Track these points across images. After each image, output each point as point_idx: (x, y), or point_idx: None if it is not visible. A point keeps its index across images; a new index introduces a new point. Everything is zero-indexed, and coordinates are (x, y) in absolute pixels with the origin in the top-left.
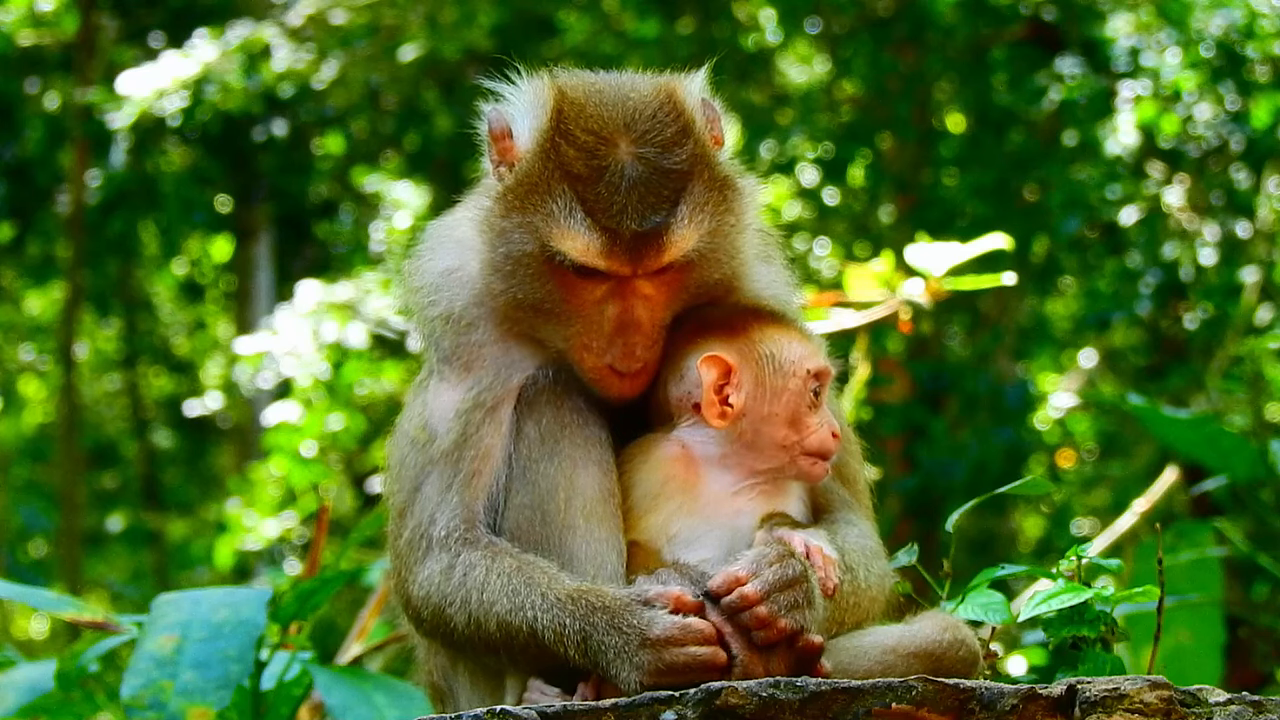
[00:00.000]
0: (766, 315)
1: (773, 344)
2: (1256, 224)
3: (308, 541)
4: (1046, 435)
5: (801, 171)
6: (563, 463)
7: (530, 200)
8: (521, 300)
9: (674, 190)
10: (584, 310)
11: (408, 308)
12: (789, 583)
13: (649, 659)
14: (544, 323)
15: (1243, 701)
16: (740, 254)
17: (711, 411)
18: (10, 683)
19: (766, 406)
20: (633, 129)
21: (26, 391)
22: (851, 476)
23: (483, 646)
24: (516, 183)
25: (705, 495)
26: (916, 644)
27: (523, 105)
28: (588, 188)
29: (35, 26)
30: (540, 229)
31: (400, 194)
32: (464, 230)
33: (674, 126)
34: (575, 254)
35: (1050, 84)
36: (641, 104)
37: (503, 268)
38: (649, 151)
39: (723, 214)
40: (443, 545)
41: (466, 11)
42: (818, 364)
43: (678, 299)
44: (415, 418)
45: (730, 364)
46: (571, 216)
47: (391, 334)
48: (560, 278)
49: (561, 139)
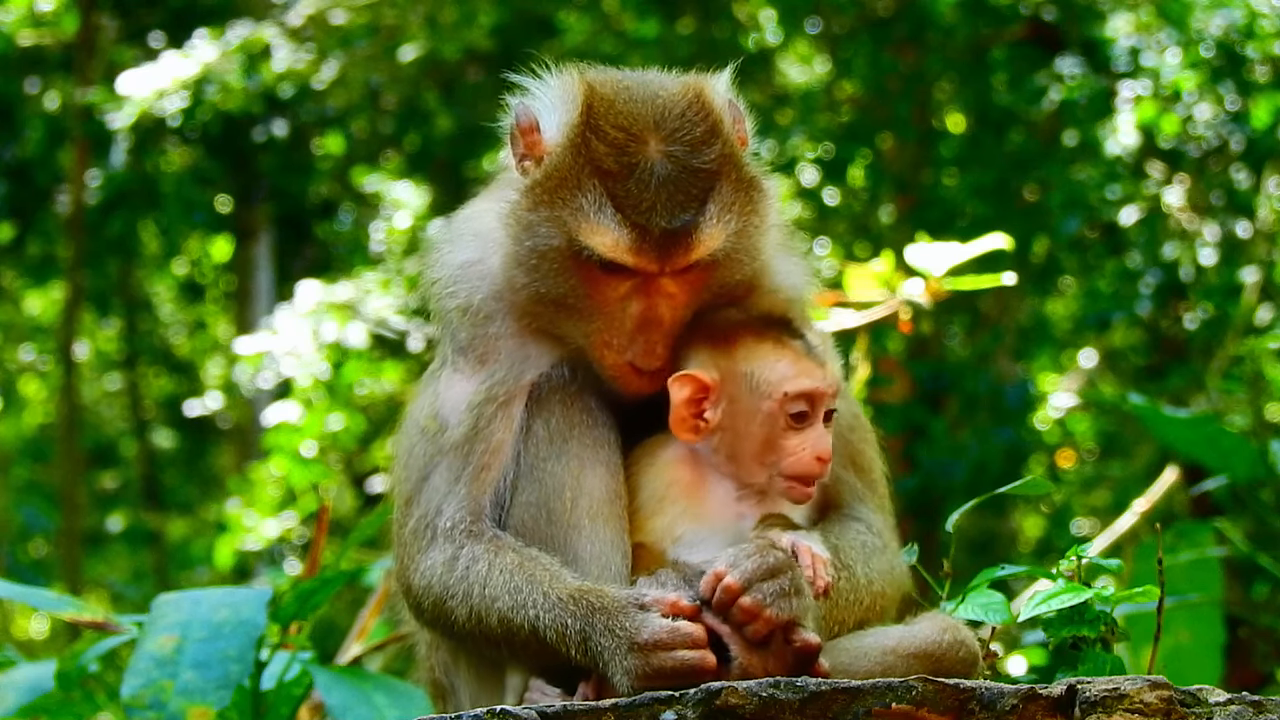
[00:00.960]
0: (764, 328)
1: (755, 363)
2: (1256, 224)
3: (308, 541)
4: (1046, 435)
5: (801, 171)
6: (570, 462)
7: (559, 195)
8: (543, 295)
9: (703, 189)
10: (607, 307)
11: (424, 299)
12: (770, 571)
13: (637, 664)
14: (565, 318)
15: (1243, 701)
16: (762, 254)
17: (680, 427)
18: (10, 683)
19: (742, 425)
20: (662, 127)
21: (26, 391)
22: (866, 466)
23: (484, 640)
24: (545, 176)
25: (709, 500)
26: (916, 645)
27: (550, 100)
28: (618, 184)
29: (35, 26)
30: (569, 223)
31: (400, 194)
32: (486, 223)
33: (703, 126)
34: (604, 250)
35: (1050, 84)
36: (671, 102)
37: (527, 261)
38: (678, 150)
39: (749, 214)
40: (447, 536)
41: (466, 11)
42: (800, 386)
43: (700, 298)
44: (426, 407)
45: (706, 381)
46: (601, 212)
47: (391, 334)
48: (585, 273)
49: (592, 134)
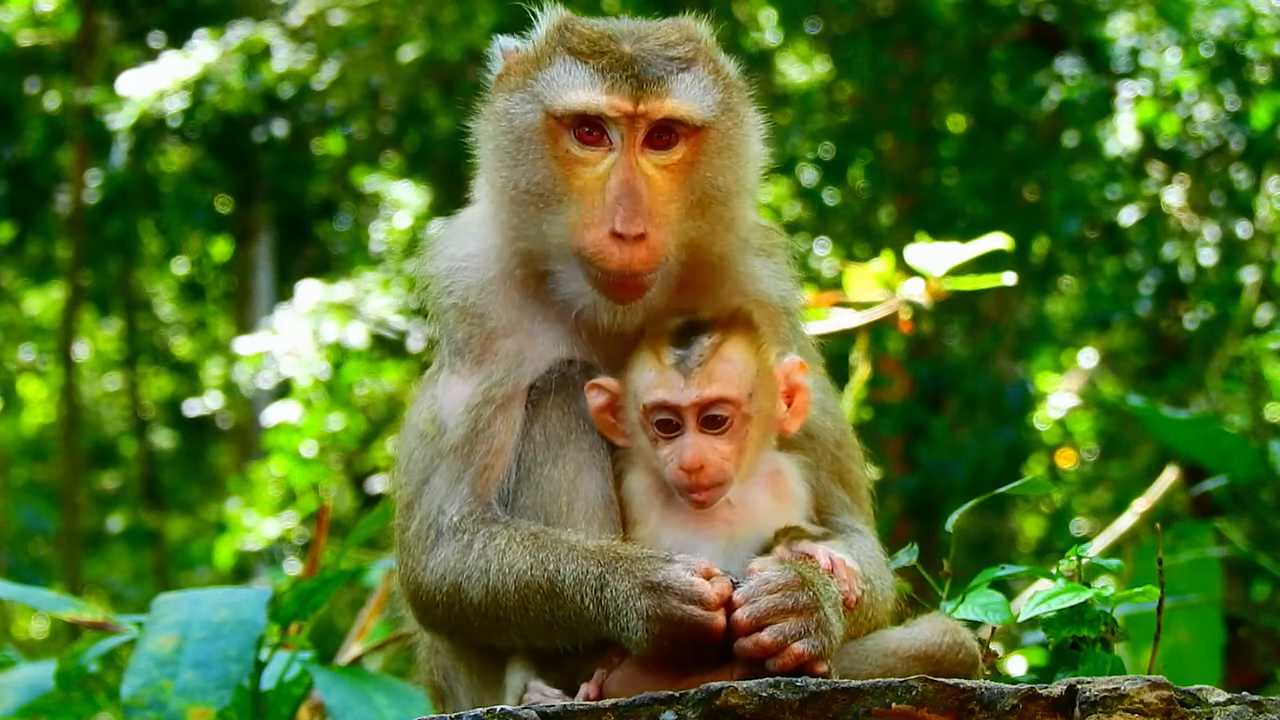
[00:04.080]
0: (659, 335)
1: (632, 372)
2: (1256, 224)
3: (308, 541)
4: (1046, 435)
5: (801, 171)
6: (567, 466)
7: (531, 73)
8: (527, 191)
9: (678, 66)
10: (587, 187)
11: (422, 301)
12: (792, 610)
13: (650, 604)
14: (550, 214)
15: (1243, 701)
16: (741, 182)
17: (606, 431)
18: (10, 683)
19: (634, 433)
20: (635, 33)
21: (26, 391)
22: (854, 483)
23: (494, 621)
24: (517, 63)
25: (681, 507)
26: (916, 647)
27: (533, 32)
28: (589, 58)
29: (35, 26)
30: (540, 92)
31: (400, 194)
32: (481, 210)
33: (678, 33)
34: (577, 101)
35: (1050, 84)
36: (647, 24)
37: (504, 154)
38: (651, 45)
39: (727, 108)
40: (455, 530)
41: (466, 11)
42: (654, 398)
43: (680, 191)
44: (424, 411)
45: (611, 388)
46: (571, 74)
47: (391, 334)
48: (563, 153)
49: (564, 30)
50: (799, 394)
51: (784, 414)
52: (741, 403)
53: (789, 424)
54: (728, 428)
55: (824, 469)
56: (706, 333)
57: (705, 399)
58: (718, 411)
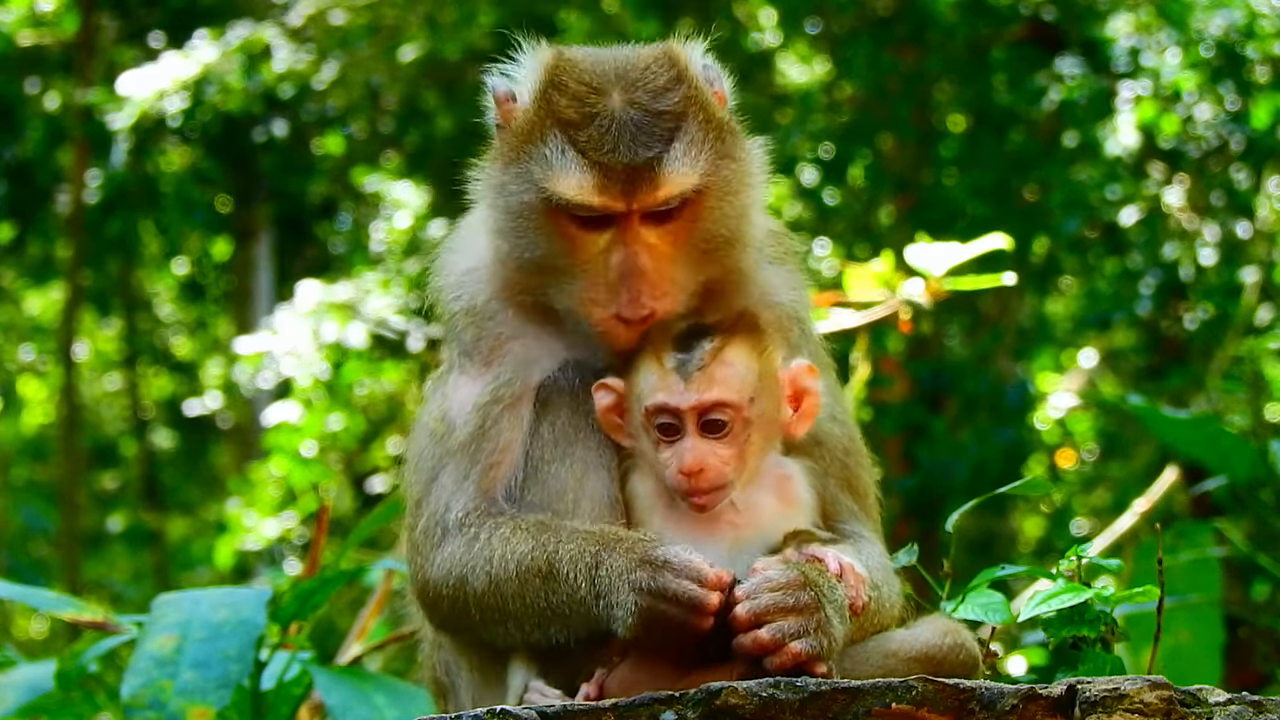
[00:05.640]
0: (663, 338)
1: (634, 374)
2: (1256, 224)
3: (308, 541)
4: (1046, 435)
5: (801, 171)
6: (574, 465)
7: (525, 149)
8: (529, 260)
9: (667, 129)
10: (589, 263)
11: (430, 305)
12: (793, 609)
13: (643, 577)
14: (553, 283)
15: (1243, 701)
16: (747, 217)
17: (611, 432)
18: (10, 683)
19: (637, 435)
20: (624, 78)
21: (26, 391)
22: (862, 490)
23: (494, 613)
24: (512, 134)
25: (683, 509)
26: (917, 648)
27: (525, 71)
28: (579, 131)
29: (35, 26)
30: (535, 174)
31: (400, 194)
32: (481, 217)
33: (666, 75)
34: (570, 193)
35: (1050, 84)
36: (636, 59)
37: (506, 225)
38: (640, 96)
39: (722, 156)
40: (461, 525)
41: (466, 11)
42: (654, 400)
43: (684, 252)
44: (434, 410)
45: (616, 389)
46: (563, 157)
47: (391, 334)
48: (563, 230)
49: (555, 90)
50: (807, 397)
51: (790, 418)
52: (742, 407)
53: (796, 427)
54: (728, 432)
55: (832, 476)
56: (708, 337)
57: (704, 403)
58: (717, 415)
